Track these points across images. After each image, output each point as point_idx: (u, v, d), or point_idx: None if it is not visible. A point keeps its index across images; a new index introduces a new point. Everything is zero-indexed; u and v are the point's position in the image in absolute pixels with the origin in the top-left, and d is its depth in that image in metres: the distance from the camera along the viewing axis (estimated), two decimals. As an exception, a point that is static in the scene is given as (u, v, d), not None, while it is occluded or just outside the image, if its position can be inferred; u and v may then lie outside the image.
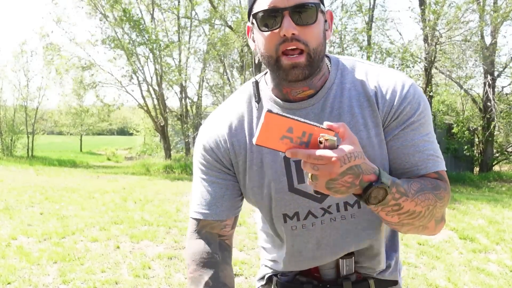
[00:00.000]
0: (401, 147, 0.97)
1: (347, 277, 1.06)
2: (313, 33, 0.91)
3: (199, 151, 1.07)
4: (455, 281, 3.63)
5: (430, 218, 0.94)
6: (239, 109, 1.05)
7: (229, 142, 1.03)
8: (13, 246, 4.35)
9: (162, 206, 6.46)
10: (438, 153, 0.99)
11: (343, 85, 0.99)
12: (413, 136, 0.96)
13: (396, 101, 0.96)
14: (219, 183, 1.05)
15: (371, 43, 14.42)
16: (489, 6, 13.70)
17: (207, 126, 1.08)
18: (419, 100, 0.96)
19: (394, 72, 1.00)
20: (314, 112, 0.98)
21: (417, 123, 0.96)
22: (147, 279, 3.58)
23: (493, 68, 14.46)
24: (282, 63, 0.92)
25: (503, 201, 7.68)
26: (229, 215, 1.06)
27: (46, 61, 17.84)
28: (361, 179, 0.81)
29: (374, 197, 0.84)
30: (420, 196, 0.90)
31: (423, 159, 0.96)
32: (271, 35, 0.91)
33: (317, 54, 0.92)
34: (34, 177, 10.78)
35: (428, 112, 0.98)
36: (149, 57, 16.19)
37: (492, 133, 14.62)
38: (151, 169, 14.64)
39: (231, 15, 15.38)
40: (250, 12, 0.96)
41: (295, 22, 0.89)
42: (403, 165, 0.97)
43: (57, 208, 6.20)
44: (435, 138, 1.01)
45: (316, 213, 1.02)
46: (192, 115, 17.85)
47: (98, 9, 15.77)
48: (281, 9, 0.89)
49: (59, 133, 34.41)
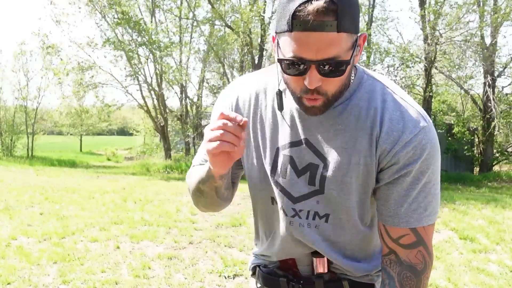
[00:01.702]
0: (394, 193, 0.95)
1: (320, 276, 1.07)
2: (338, 83, 0.88)
3: (225, 103, 1.09)
4: (455, 281, 3.63)
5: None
6: (263, 85, 1.06)
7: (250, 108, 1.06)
8: (13, 246, 4.35)
9: (162, 206, 6.46)
10: (431, 207, 0.96)
11: (355, 103, 0.97)
12: (409, 184, 0.94)
13: (400, 143, 0.92)
14: None
15: (371, 43, 14.42)
16: (489, 7, 13.71)
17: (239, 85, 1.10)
18: (425, 146, 0.92)
19: (411, 109, 0.95)
20: (318, 119, 0.98)
21: (417, 171, 0.93)
22: (147, 279, 3.58)
23: (493, 68, 14.47)
24: (303, 102, 0.91)
25: (503, 201, 7.68)
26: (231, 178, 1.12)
27: (45, 65, 17.87)
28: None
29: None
30: None
31: (407, 212, 0.95)
32: (295, 79, 0.89)
33: (337, 96, 0.91)
34: (34, 177, 10.78)
35: (435, 159, 0.94)
36: (149, 58, 16.21)
37: (492, 133, 14.63)
38: (151, 169, 14.64)
39: (231, 15, 15.38)
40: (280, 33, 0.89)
41: (321, 74, 0.85)
42: (388, 211, 0.97)
43: (57, 208, 6.19)
44: (435, 187, 0.96)
45: (287, 212, 1.04)
46: (192, 115, 17.86)
47: (97, 9, 15.76)
48: (309, 61, 0.83)
49: (59, 133, 34.42)
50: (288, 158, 1.00)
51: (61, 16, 16.33)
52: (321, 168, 0.98)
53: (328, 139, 0.97)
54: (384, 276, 1.01)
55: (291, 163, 1.00)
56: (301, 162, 0.99)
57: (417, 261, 0.97)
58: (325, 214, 1.01)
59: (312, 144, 0.98)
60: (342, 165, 0.96)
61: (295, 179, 1.00)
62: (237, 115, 0.87)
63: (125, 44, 15.42)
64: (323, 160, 0.98)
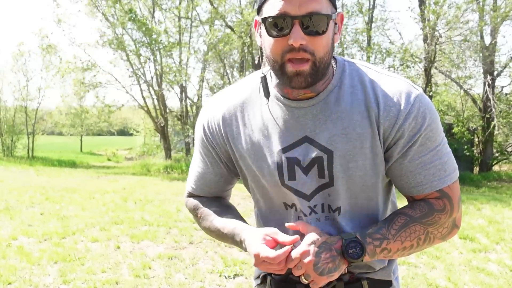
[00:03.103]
0: (408, 165, 0.97)
1: (339, 277, 1.04)
2: (322, 42, 0.89)
3: (199, 131, 1.11)
4: (455, 281, 3.64)
5: (430, 242, 0.99)
6: (242, 97, 1.06)
7: (224, 130, 1.06)
8: (13, 247, 4.35)
9: (162, 206, 6.47)
10: (447, 164, 0.98)
11: (345, 89, 0.98)
12: (419, 152, 0.95)
13: (400, 115, 0.94)
14: (214, 169, 1.12)
15: (371, 43, 14.42)
16: (489, 6, 13.71)
17: (209, 107, 1.11)
18: (424, 113, 0.94)
19: (399, 82, 0.97)
20: (312, 113, 0.98)
21: (423, 138, 0.94)
22: (148, 279, 3.59)
23: (493, 68, 14.46)
24: (286, 70, 0.91)
25: (503, 200, 7.68)
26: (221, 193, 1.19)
27: (45, 65, 17.87)
28: (334, 248, 0.93)
29: (353, 253, 0.92)
30: (404, 233, 0.96)
31: (427, 178, 0.97)
32: (278, 41, 0.90)
33: (323, 62, 0.91)
34: (35, 178, 10.79)
35: (436, 123, 0.96)
36: (150, 58, 16.21)
37: (491, 133, 14.63)
38: (151, 170, 14.64)
39: (231, 15, 15.39)
40: (259, 9, 0.94)
41: (305, 31, 0.87)
42: (409, 183, 0.99)
43: (58, 209, 6.20)
44: (445, 147, 0.98)
45: (304, 211, 1.04)
46: (192, 116, 17.86)
47: (99, 9, 15.77)
48: (292, 17, 0.86)
49: (59, 133, 34.42)
50: (292, 160, 1.00)
51: (62, 16, 16.35)
52: (325, 160, 0.98)
53: (326, 129, 0.97)
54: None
55: (297, 164, 1.00)
56: (306, 160, 0.99)
57: (437, 204, 0.99)
58: (337, 207, 1.02)
59: (313, 140, 0.98)
60: (346, 151, 0.96)
61: (304, 178, 1.00)
62: (275, 256, 0.91)
63: (127, 44, 15.43)
64: (326, 151, 0.97)
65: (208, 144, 1.10)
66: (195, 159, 1.16)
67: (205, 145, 1.11)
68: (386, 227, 0.96)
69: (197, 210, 1.17)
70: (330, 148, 0.97)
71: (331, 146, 0.97)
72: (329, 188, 1.00)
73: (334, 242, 0.93)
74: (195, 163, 1.16)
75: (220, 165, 1.12)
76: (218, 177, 1.13)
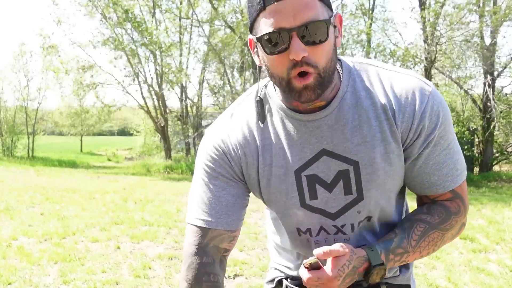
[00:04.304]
0: (423, 165, 0.94)
1: (359, 283, 1.00)
2: (324, 51, 0.84)
3: (208, 153, 0.99)
4: (455, 281, 3.64)
5: (442, 245, 0.99)
6: (250, 116, 0.98)
7: (241, 151, 0.97)
8: (13, 247, 4.35)
9: (162, 206, 6.47)
10: (458, 163, 0.96)
11: (357, 94, 0.92)
12: (433, 152, 0.93)
13: (415, 117, 0.90)
14: (230, 190, 0.98)
15: (374, 44, 14.43)
16: (489, 7, 13.71)
17: (218, 128, 1.00)
18: (438, 111, 0.90)
19: (410, 79, 0.92)
20: (327, 124, 0.92)
21: (438, 137, 0.92)
22: (148, 279, 3.59)
23: (493, 68, 14.46)
24: (294, 85, 0.85)
25: (503, 201, 7.68)
26: (239, 225, 1.00)
27: (45, 65, 17.88)
28: (358, 273, 0.90)
29: (376, 276, 0.91)
30: (423, 242, 0.95)
31: (441, 178, 0.95)
32: (279, 58, 0.84)
33: (327, 71, 0.85)
34: (35, 178, 10.79)
35: (449, 120, 0.93)
36: (150, 58, 16.22)
37: (492, 133, 14.63)
38: (151, 170, 14.65)
39: (231, 15, 15.39)
40: (252, 27, 0.88)
41: (305, 42, 0.81)
42: (423, 184, 0.97)
43: (58, 209, 6.20)
44: (456, 144, 0.96)
45: (329, 230, 0.99)
46: (192, 116, 17.86)
47: (97, 10, 15.77)
48: (288, 30, 0.80)
49: (60, 133, 34.43)
50: (312, 178, 0.94)
51: (62, 17, 16.36)
52: (352, 172, 0.92)
53: (346, 140, 0.92)
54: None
55: (317, 181, 0.94)
56: (329, 175, 0.93)
57: (452, 207, 0.98)
58: (367, 216, 0.98)
59: (332, 152, 0.92)
60: (371, 160, 0.91)
61: (328, 195, 0.95)
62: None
63: (125, 44, 15.43)
64: (350, 162, 0.92)
65: (225, 163, 0.98)
66: (200, 185, 1.00)
67: (218, 165, 0.98)
68: (406, 238, 0.94)
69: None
70: (354, 158, 0.91)
71: (355, 157, 0.91)
72: (358, 203, 0.94)
73: (359, 265, 0.91)
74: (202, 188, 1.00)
75: (237, 184, 0.99)
76: (235, 198, 0.98)
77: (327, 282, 0.87)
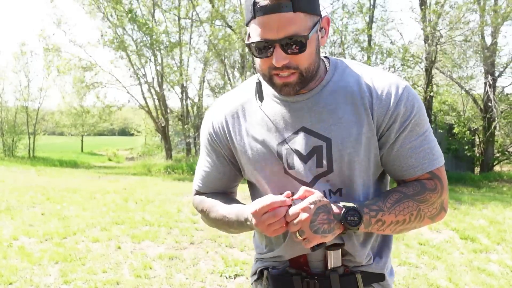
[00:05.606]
0: (400, 149, 1.05)
1: (334, 270, 1.09)
2: (304, 57, 0.97)
3: (205, 133, 1.20)
4: (456, 281, 3.64)
5: (420, 220, 1.05)
6: (243, 99, 1.15)
7: (227, 129, 1.14)
8: (14, 247, 4.36)
9: (163, 206, 6.47)
10: (435, 149, 1.06)
11: (338, 83, 1.06)
12: (410, 137, 1.04)
13: (392, 103, 1.02)
14: (219, 166, 1.19)
15: (372, 44, 14.41)
16: (490, 6, 13.70)
17: (212, 110, 1.19)
18: (413, 101, 1.03)
19: (388, 75, 1.07)
20: (308, 106, 1.06)
21: (413, 124, 1.03)
22: (148, 279, 3.59)
23: (494, 68, 14.46)
24: (275, 82, 1.01)
25: (504, 201, 7.67)
26: (226, 190, 1.24)
27: (46, 64, 17.88)
28: (333, 214, 0.97)
29: (351, 220, 0.97)
30: (398, 207, 1.02)
31: (418, 161, 1.05)
32: (264, 60, 0.99)
33: (310, 71, 0.99)
34: (36, 178, 10.81)
35: (423, 111, 1.05)
36: (150, 58, 16.22)
37: (492, 133, 14.63)
38: (152, 170, 14.66)
39: (232, 15, 15.39)
40: (247, 25, 1.00)
41: (286, 52, 0.95)
42: (401, 167, 1.06)
43: (59, 209, 6.21)
44: (431, 134, 1.07)
45: None
46: (193, 116, 17.87)
47: (100, 9, 15.78)
48: (272, 41, 0.94)
49: (60, 133, 34.46)
50: (291, 150, 1.06)
51: (62, 17, 16.37)
52: (325, 148, 1.04)
53: (323, 119, 1.05)
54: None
55: (296, 153, 1.06)
56: (305, 149, 1.06)
57: (428, 183, 1.05)
58: (338, 189, 1.07)
59: (310, 129, 1.05)
60: (344, 138, 1.03)
61: (303, 166, 1.06)
62: (271, 201, 0.95)
63: (127, 44, 15.44)
64: (324, 139, 1.04)
65: (213, 144, 1.18)
66: (201, 160, 1.24)
67: (210, 145, 1.19)
68: (382, 200, 1.03)
69: (203, 204, 1.22)
70: (328, 136, 1.04)
71: (329, 134, 1.04)
72: (328, 174, 1.05)
73: (334, 207, 0.98)
74: (201, 162, 1.24)
75: (224, 162, 1.19)
76: (221, 175, 1.20)
77: (301, 211, 0.93)
